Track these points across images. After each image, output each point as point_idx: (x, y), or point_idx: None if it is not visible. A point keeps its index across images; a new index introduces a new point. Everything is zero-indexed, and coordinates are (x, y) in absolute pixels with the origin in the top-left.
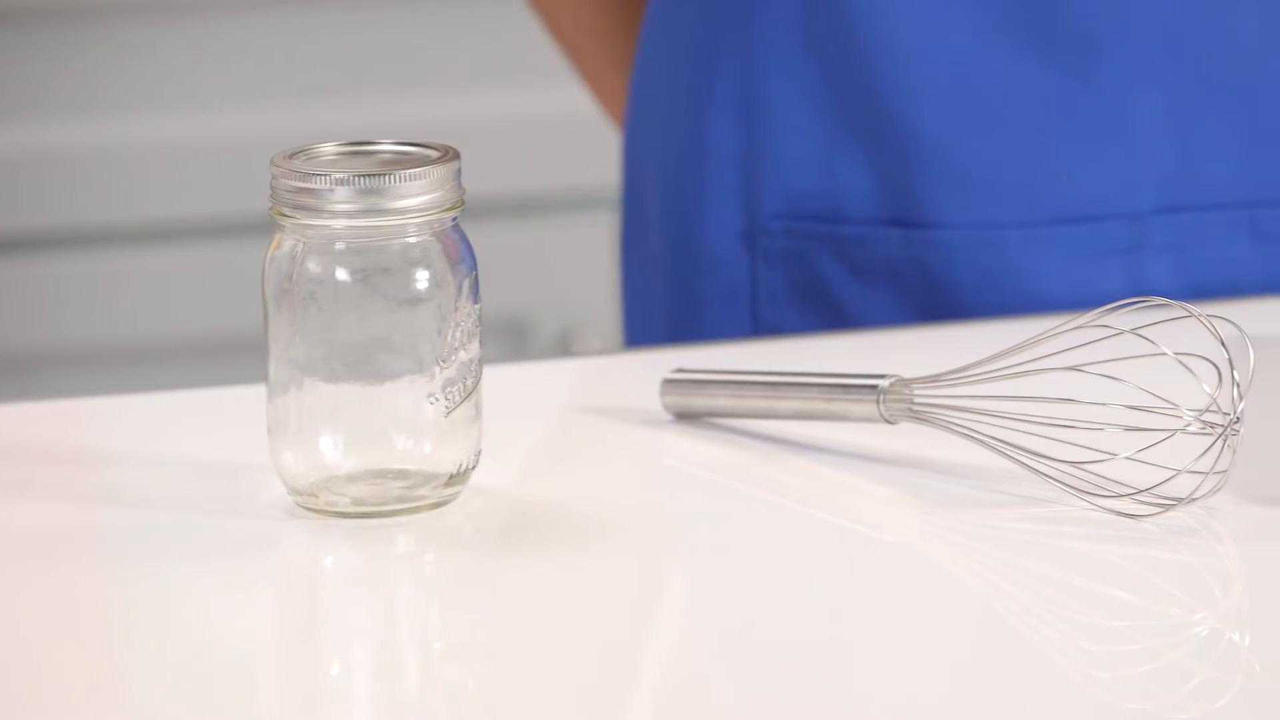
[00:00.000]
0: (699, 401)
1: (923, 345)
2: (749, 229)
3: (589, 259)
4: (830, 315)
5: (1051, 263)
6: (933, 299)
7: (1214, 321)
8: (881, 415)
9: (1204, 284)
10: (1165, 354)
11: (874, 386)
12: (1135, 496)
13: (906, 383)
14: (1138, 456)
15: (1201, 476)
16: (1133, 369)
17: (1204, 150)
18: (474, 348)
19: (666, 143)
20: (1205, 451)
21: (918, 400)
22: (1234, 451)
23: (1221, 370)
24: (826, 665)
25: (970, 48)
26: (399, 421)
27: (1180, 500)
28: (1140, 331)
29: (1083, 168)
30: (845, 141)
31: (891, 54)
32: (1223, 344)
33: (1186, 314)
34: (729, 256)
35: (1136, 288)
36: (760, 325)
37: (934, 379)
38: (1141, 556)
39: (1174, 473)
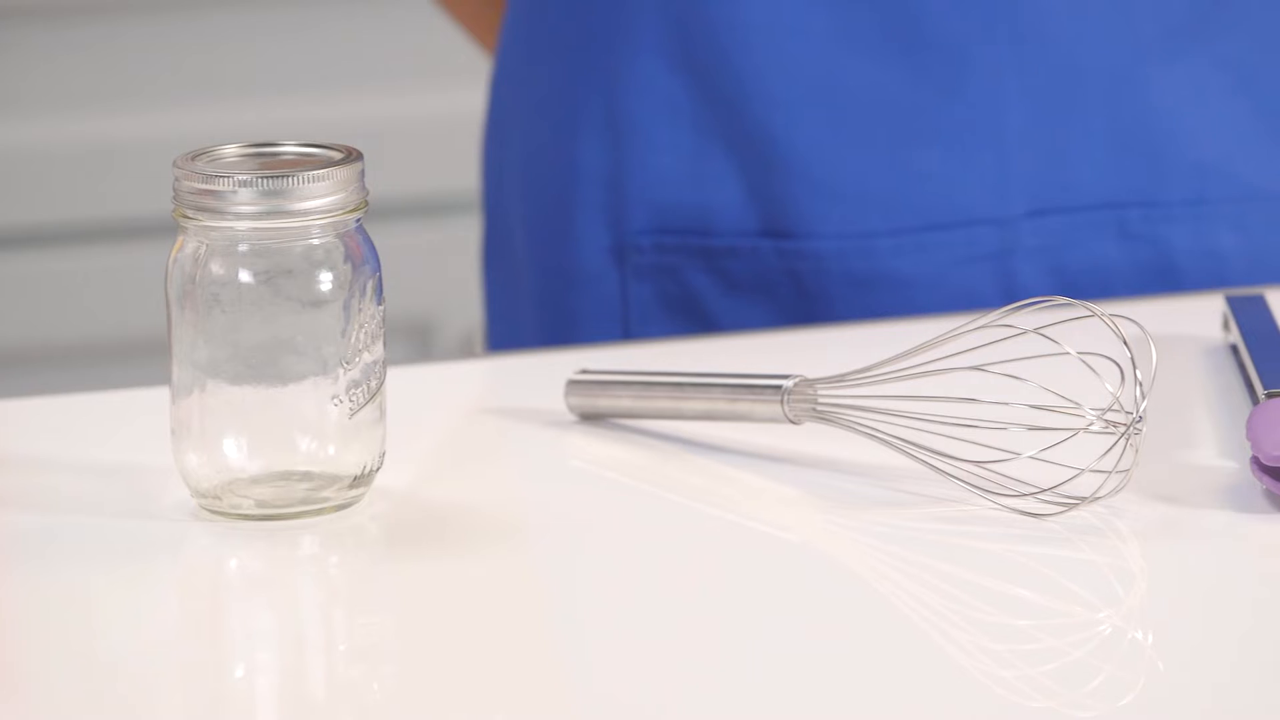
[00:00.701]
0: (604, 402)
1: (818, 346)
2: (618, 245)
3: None
4: (702, 328)
5: (923, 269)
6: (805, 309)
7: (1117, 321)
8: (786, 415)
9: (1074, 286)
10: (1068, 353)
11: (778, 387)
12: (1039, 495)
13: (811, 383)
14: (1041, 456)
15: (1104, 475)
16: (1036, 368)
17: (1070, 153)
18: (378, 349)
19: (530, 159)
20: (1108, 450)
21: (822, 400)
22: (1136, 450)
23: (1124, 369)
24: (731, 665)
25: (836, 59)
26: (303, 424)
27: (1083, 499)
28: (1043, 331)
29: (951, 174)
30: (713, 155)
31: (757, 68)
32: (1125, 343)
33: (1089, 313)
34: (599, 273)
35: (1008, 291)
36: (632, 340)
37: (838, 379)
38: (1045, 555)
39: (1077, 472)
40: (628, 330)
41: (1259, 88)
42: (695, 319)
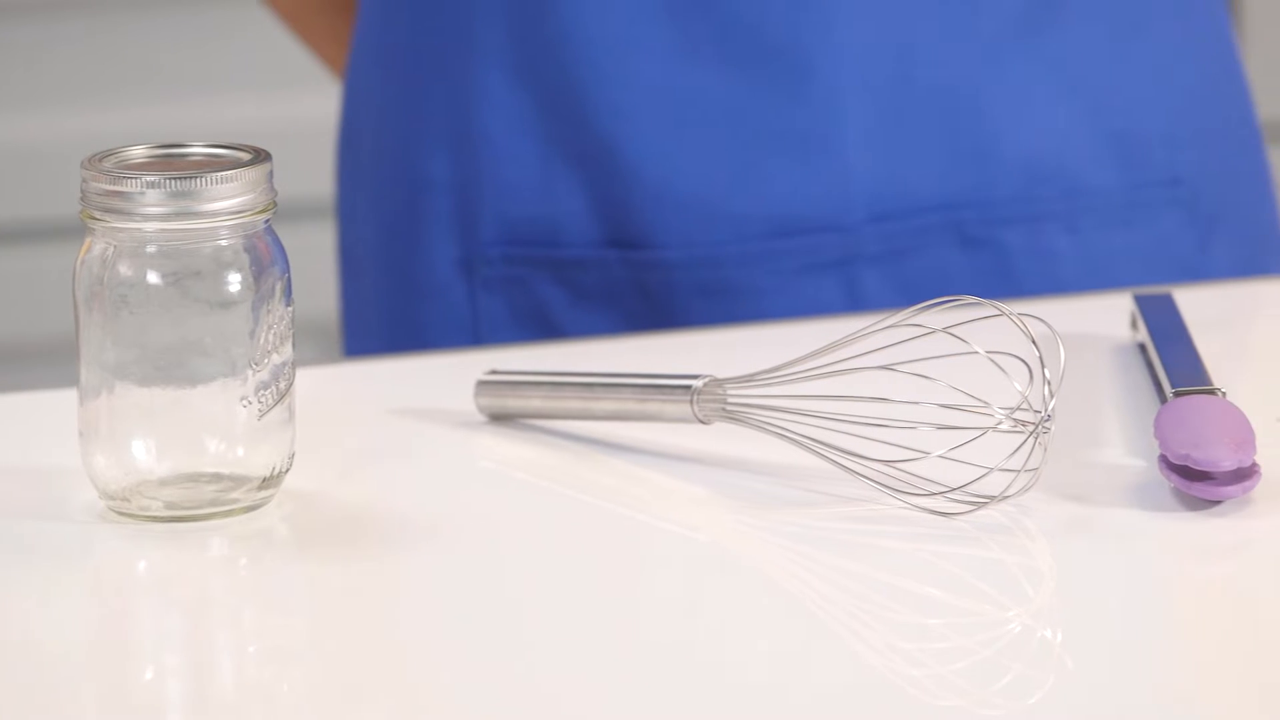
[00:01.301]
0: (513, 403)
1: (729, 345)
2: (467, 257)
3: None
4: (552, 339)
5: (768, 278)
6: (653, 319)
7: (1025, 320)
8: (695, 415)
9: (916, 292)
10: (977, 352)
11: (688, 387)
12: (948, 495)
13: (720, 383)
14: (950, 455)
15: (1013, 474)
16: (945, 368)
17: (907, 158)
18: (287, 350)
19: (380, 170)
20: (1017, 449)
21: (731, 400)
22: (1045, 449)
23: (1032, 368)
24: (641, 665)
25: (677, 71)
26: (212, 425)
27: (992, 498)
28: (952, 330)
29: (794, 183)
30: (560, 168)
31: (599, 81)
32: (1034, 342)
33: (997, 313)
34: (448, 284)
35: (852, 298)
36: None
37: (747, 379)
38: (954, 554)
39: (986, 470)
40: (478, 342)
41: (1086, 88)
42: (545, 330)
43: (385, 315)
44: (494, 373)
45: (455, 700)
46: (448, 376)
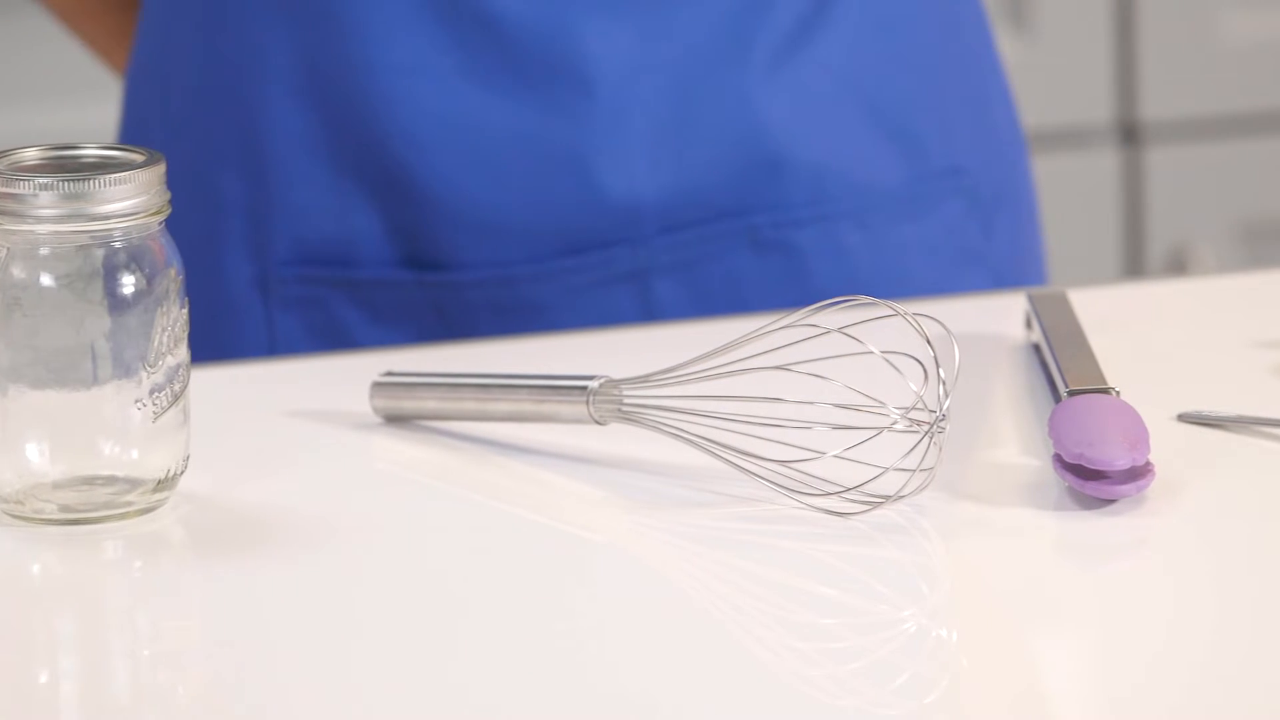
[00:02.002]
0: (409, 404)
1: (633, 345)
2: (262, 276)
3: None
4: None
5: (562, 295)
6: (450, 336)
7: (919, 319)
8: (591, 416)
9: (711, 301)
10: (872, 352)
11: (584, 388)
12: (843, 494)
13: (616, 383)
14: (846, 455)
15: (908, 474)
16: (840, 368)
17: (696, 169)
18: (181, 352)
19: (173, 189)
20: (912, 449)
21: (627, 401)
22: (940, 448)
23: (927, 368)
24: (539, 666)
25: (464, 95)
26: (106, 428)
27: (888, 498)
28: (847, 330)
29: (584, 201)
30: (353, 190)
31: (388, 106)
32: (928, 342)
33: (892, 312)
34: (244, 304)
35: (646, 310)
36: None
37: (643, 379)
38: (850, 554)
39: (881, 470)
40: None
41: (862, 88)
42: (342, 347)
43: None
44: (390, 374)
45: (355, 701)
46: (343, 378)
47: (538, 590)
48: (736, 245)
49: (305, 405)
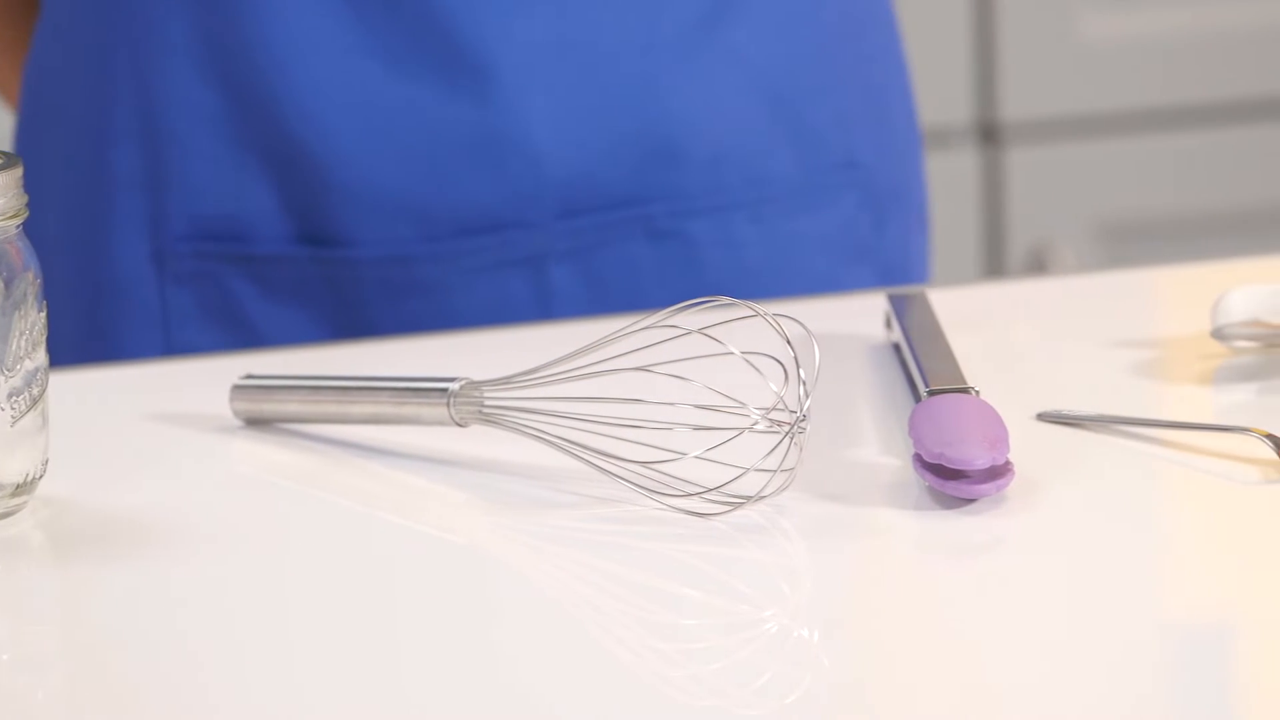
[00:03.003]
0: (269, 407)
1: (488, 348)
2: (157, 252)
3: None
4: (244, 334)
5: (456, 276)
6: (344, 316)
7: (779, 320)
8: (452, 418)
9: (606, 288)
10: (732, 353)
11: (444, 390)
12: (704, 495)
13: (477, 385)
14: (706, 455)
15: (769, 474)
16: (701, 368)
17: (598, 157)
18: (40, 356)
19: (67, 167)
20: (773, 449)
21: (488, 403)
22: (801, 449)
23: (787, 368)
24: (400, 668)
25: (367, 73)
26: None
27: (749, 498)
28: (707, 331)
29: (483, 182)
30: (251, 165)
31: (289, 83)
32: (788, 342)
33: (753, 313)
34: (138, 279)
35: (542, 295)
36: (174, 347)
37: (504, 381)
38: (711, 554)
39: (742, 471)
40: (168, 337)
41: (764, 78)
42: (236, 326)
43: (72, 312)
44: (249, 377)
45: (212, 703)
46: (202, 381)
47: (397, 593)
48: (632, 234)
49: (167, 408)
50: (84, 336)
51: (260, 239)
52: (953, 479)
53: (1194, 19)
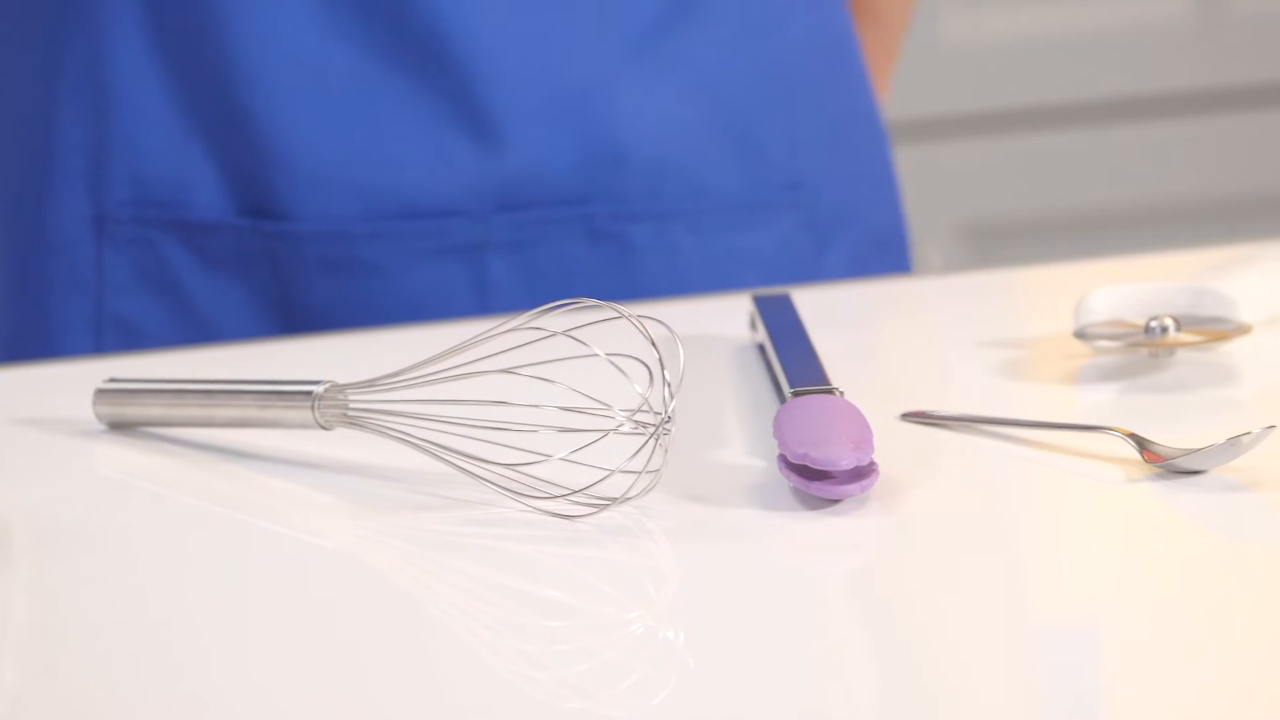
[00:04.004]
0: (133, 411)
1: (345, 351)
2: (98, 215)
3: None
4: (178, 304)
5: (395, 258)
6: (279, 290)
7: (644, 322)
8: (317, 421)
9: (543, 284)
10: (597, 355)
11: (309, 393)
12: (570, 497)
13: (341, 388)
14: (572, 457)
15: (635, 476)
16: (566, 371)
17: (543, 153)
18: None
19: (11, 126)
20: (638, 451)
21: (352, 406)
22: (666, 450)
23: (652, 370)
24: (261, 673)
25: (318, 45)
26: None
27: (614, 500)
28: (572, 333)
29: (427, 166)
30: (195, 132)
31: (239, 51)
32: (653, 344)
33: (618, 315)
34: (75, 242)
35: (479, 285)
36: (105, 313)
37: (369, 384)
38: (576, 556)
39: (607, 473)
40: (101, 304)
41: (713, 90)
42: (171, 294)
43: (4, 275)
44: (113, 380)
45: (72, 707)
46: (65, 385)
47: (265, 597)
48: (572, 232)
49: (27, 413)
50: (14, 297)
51: (201, 207)
52: (817, 480)
53: (1055, 20)
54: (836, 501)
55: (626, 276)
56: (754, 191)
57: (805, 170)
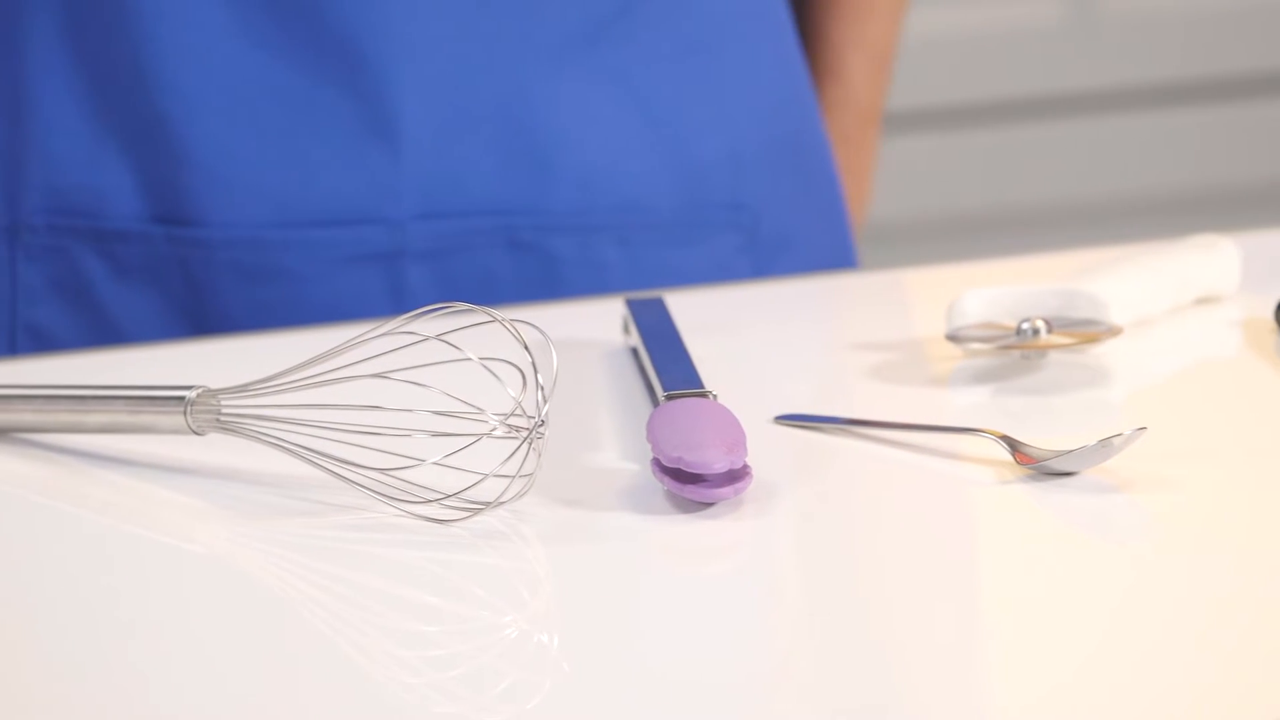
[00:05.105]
0: (3, 417)
1: (223, 355)
2: (11, 225)
3: None
4: (91, 313)
5: (312, 265)
6: (193, 299)
7: (517, 325)
8: (189, 426)
9: (462, 294)
10: (470, 359)
11: (181, 398)
12: (443, 502)
13: (214, 393)
14: (445, 462)
15: (508, 480)
16: (439, 375)
17: (462, 159)
18: None
19: None
20: (511, 455)
21: (225, 411)
22: (540, 454)
23: (526, 374)
24: (133, 680)
25: (234, 50)
26: None
27: (488, 504)
28: (445, 337)
29: (343, 172)
30: (111, 140)
31: (155, 56)
32: (526, 348)
33: (490, 319)
34: None
35: (396, 294)
36: (18, 322)
37: (241, 389)
38: (450, 561)
39: (481, 477)
40: (14, 313)
41: (649, 105)
42: (85, 304)
43: None
44: None
45: None
46: None
47: (136, 603)
48: (494, 242)
49: None
50: None
51: (115, 215)
52: (691, 483)
53: (924, 24)
54: (710, 505)
55: (550, 289)
56: (691, 209)
57: (749, 192)
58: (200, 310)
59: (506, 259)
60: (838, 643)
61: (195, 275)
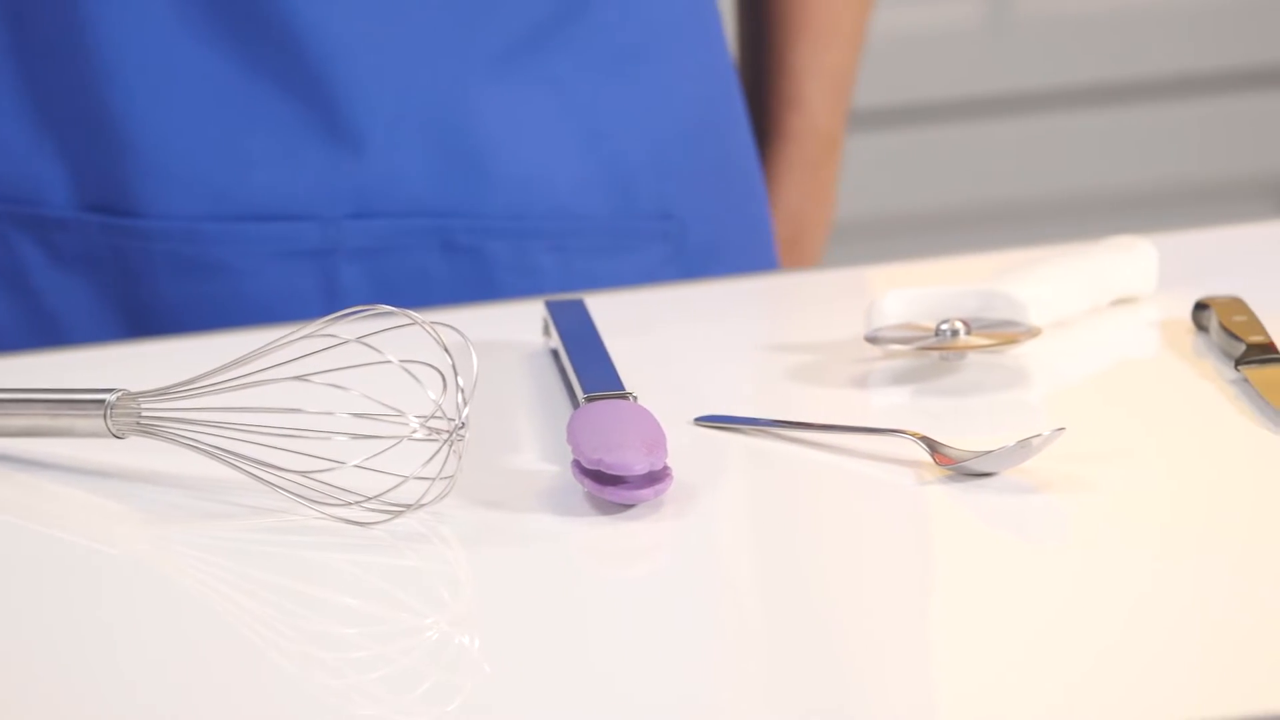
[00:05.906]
0: None
1: (146, 358)
2: None
3: None
4: (27, 302)
5: (245, 259)
6: (129, 289)
7: (437, 328)
8: (109, 430)
9: (395, 292)
10: (390, 361)
11: (101, 401)
12: (364, 504)
13: (134, 396)
14: (365, 464)
15: (429, 482)
16: (360, 377)
17: (397, 160)
18: None
19: None
20: (431, 457)
21: (145, 414)
22: (460, 456)
23: (446, 376)
24: (51, 683)
25: (176, 44)
26: None
27: (408, 506)
28: (365, 340)
29: (280, 167)
30: (50, 127)
31: (96, 45)
32: (446, 350)
33: (410, 321)
34: None
35: (330, 291)
36: None
37: (162, 392)
38: (370, 563)
39: (401, 479)
40: None
41: (582, 112)
42: (21, 293)
43: None
44: None
45: None
46: None
47: (54, 606)
48: (428, 243)
49: None
50: None
51: (52, 203)
52: (611, 484)
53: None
54: (630, 506)
55: (484, 292)
56: (621, 219)
57: (676, 204)
58: (137, 301)
59: (441, 261)
60: (758, 643)
61: (132, 266)
